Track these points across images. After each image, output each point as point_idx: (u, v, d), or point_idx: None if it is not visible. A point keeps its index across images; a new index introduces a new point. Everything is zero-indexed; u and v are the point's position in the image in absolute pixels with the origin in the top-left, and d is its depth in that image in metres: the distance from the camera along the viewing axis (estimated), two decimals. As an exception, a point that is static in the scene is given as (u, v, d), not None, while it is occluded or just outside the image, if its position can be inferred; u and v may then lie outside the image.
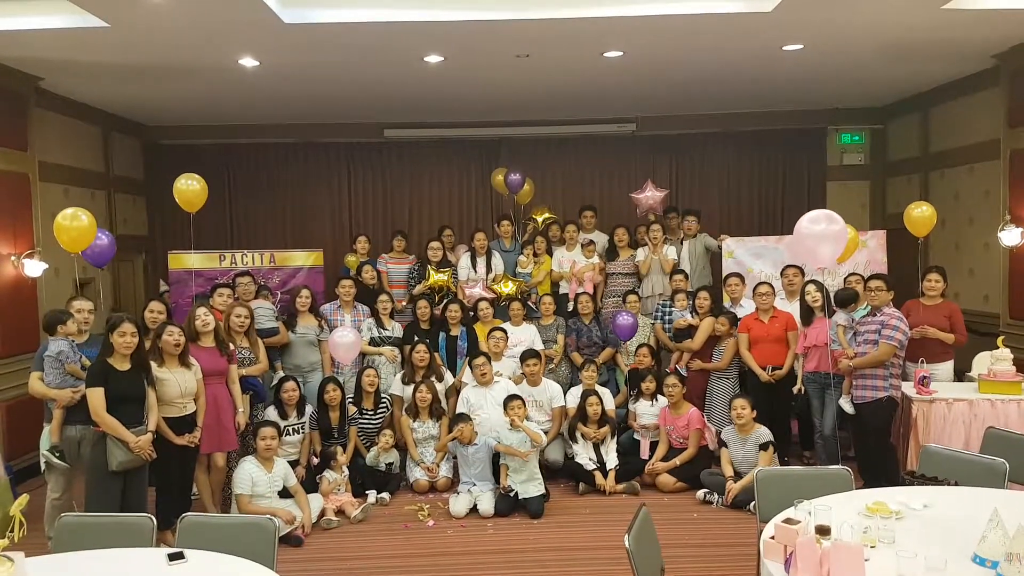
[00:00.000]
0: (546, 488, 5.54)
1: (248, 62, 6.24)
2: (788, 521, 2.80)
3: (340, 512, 5.33)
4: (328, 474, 5.53)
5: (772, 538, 2.81)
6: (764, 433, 5.38)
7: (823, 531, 2.83)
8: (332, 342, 6.01)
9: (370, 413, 6.03)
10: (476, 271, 7.10)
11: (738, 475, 5.38)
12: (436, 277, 6.91)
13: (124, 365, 4.29)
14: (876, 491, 3.51)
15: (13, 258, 6.22)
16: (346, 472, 5.60)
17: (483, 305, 6.64)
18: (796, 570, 2.60)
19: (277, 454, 5.22)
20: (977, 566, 2.66)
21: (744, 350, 6.03)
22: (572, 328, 6.68)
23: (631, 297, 6.67)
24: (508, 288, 6.84)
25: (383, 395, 6.14)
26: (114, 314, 4.96)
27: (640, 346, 6.38)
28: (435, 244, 7.18)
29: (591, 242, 7.20)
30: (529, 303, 6.87)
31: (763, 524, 3.31)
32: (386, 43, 5.84)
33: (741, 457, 5.42)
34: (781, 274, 6.39)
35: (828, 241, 4.83)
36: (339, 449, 5.64)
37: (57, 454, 4.57)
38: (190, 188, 6.16)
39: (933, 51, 6.48)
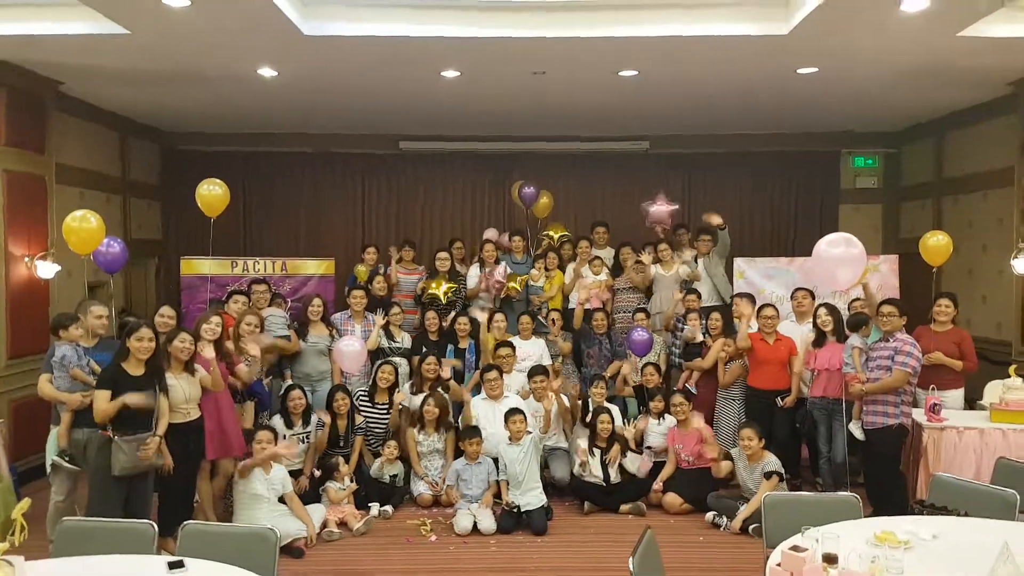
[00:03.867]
0: (549, 504, 5.51)
1: (267, 72, 6.30)
2: (795, 548, 2.78)
3: (342, 524, 5.31)
4: (332, 485, 5.51)
5: (778, 565, 2.78)
6: (771, 462, 5.33)
7: (830, 559, 2.80)
8: (338, 351, 6.01)
9: (382, 406, 6.01)
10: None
11: (743, 499, 5.35)
12: (433, 289, 6.92)
13: (138, 370, 4.32)
14: (885, 520, 3.47)
15: (27, 259, 6.27)
16: (350, 483, 5.59)
17: (499, 318, 6.64)
18: (802, 599, 2.57)
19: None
20: (986, 600, 2.62)
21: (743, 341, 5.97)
22: (582, 342, 6.66)
23: (639, 315, 6.64)
24: (514, 283, 6.94)
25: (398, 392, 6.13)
26: (131, 319, 4.99)
27: (646, 364, 6.35)
28: (443, 254, 7.20)
29: (597, 258, 7.19)
30: (539, 318, 6.86)
31: (770, 550, 3.28)
32: (404, 57, 5.88)
33: (752, 484, 5.38)
34: (791, 297, 6.36)
35: (847, 264, 4.81)
36: (341, 460, 5.63)
37: (67, 458, 4.61)
38: (212, 193, 6.24)
39: (949, 77, 6.47)
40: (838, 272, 4.84)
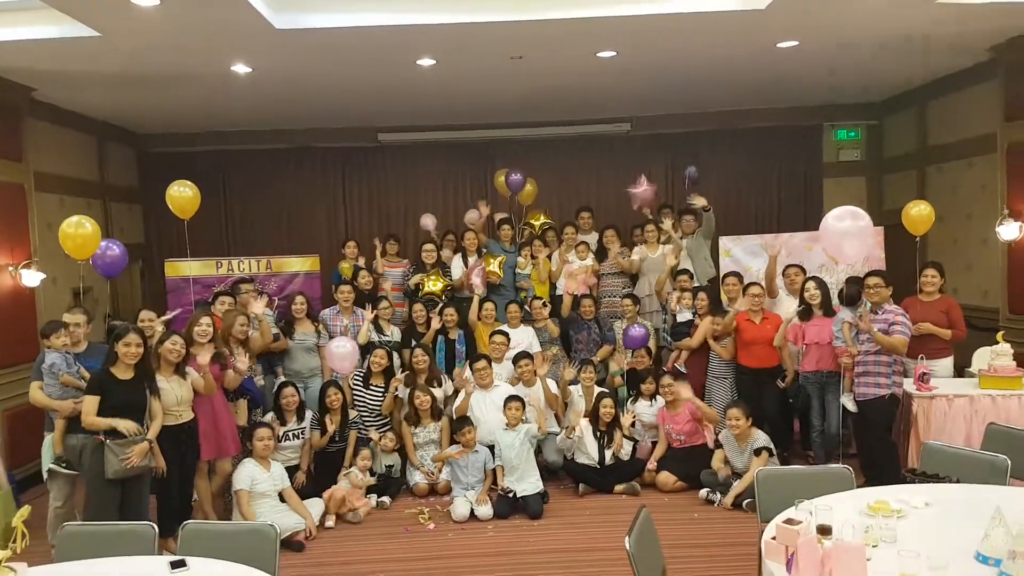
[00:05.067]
0: (544, 488, 5.55)
1: (241, 68, 6.23)
2: (789, 521, 2.78)
3: (339, 517, 5.33)
4: (355, 472, 5.55)
5: (773, 538, 2.80)
6: (760, 438, 5.38)
7: (824, 531, 2.82)
8: (329, 352, 5.96)
9: (377, 389, 6.04)
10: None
11: (736, 475, 5.39)
12: (430, 287, 6.90)
13: (127, 374, 4.30)
14: (877, 490, 3.49)
15: (11, 268, 6.21)
16: (369, 477, 5.65)
17: (488, 306, 6.64)
18: (798, 571, 2.58)
19: (274, 456, 5.26)
20: (980, 564, 2.64)
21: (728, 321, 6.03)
22: (571, 328, 6.67)
23: (626, 302, 6.61)
24: (492, 266, 6.93)
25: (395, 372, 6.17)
26: (118, 323, 4.96)
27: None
28: (428, 246, 7.18)
29: (583, 243, 7.19)
30: (526, 307, 6.86)
31: (764, 524, 3.30)
32: (378, 47, 5.83)
33: (741, 465, 5.42)
34: (782, 273, 6.37)
35: (853, 238, 4.81)
36: (378, 435, 5.79)
37: (63, 464, 4.65)
38: (182, 195, 6.11)
39: (928, 45, 6.46)
40: (845, 245, 4.83)
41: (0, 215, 6.17)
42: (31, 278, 6.26)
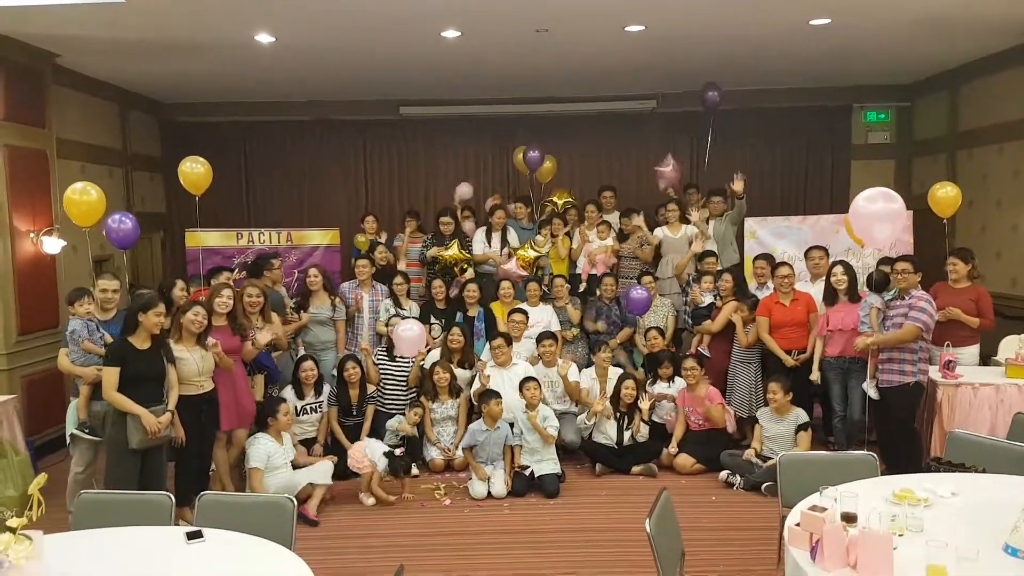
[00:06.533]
0: (561, 469, 5.53)
1: (264, 38, 6.17)
2: (814, 508, 2.74)
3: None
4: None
5: (797, 525, 2.75)
6: (802, 414, 5.35)
7: (849, 519, 2.77)
8: (397, 336, 5.87)
9: (403, 362, 6.01)
10: (491, 246, 7.08)
11: (767, 455, 5.34)
12: (448, 253, 6.84)
13: (145, 344, 4.30)
14: (902, 478, 3.43)
15: (32, 235, 6.23)
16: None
17: (505, 286, 6.60)
18: (823, 559, 2.54)
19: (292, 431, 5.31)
20: (1010, 557, 2.59)
21: (765, 335, 5.92)
22: (592, 307, 6.62)
23: (646, 278, 6.58)
24: (528, 253, 6.84)
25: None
26: (145, 292, 4.97)
27: (650, 329, 6.30)
28: (445, 218, 7.12)
29: (605, 222, 7.11)
30: (543, 285, 6.81)
31: (786, 509, 3.26)
32: (403, 18, 5.74)
33: (774, 434, 5.36)
34: (806, 256, 6.27)
35: (885, 221, 4.66)
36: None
37: (87, 430, 4.70)
38: (194, 171, 6.10)
39: (963, 26, 6.28)
40: (875, 229, 4.69)
41: (23, 181, 6.19)
42: (52, 245, 6.28)
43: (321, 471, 5.12)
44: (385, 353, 6.11)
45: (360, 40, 6.38)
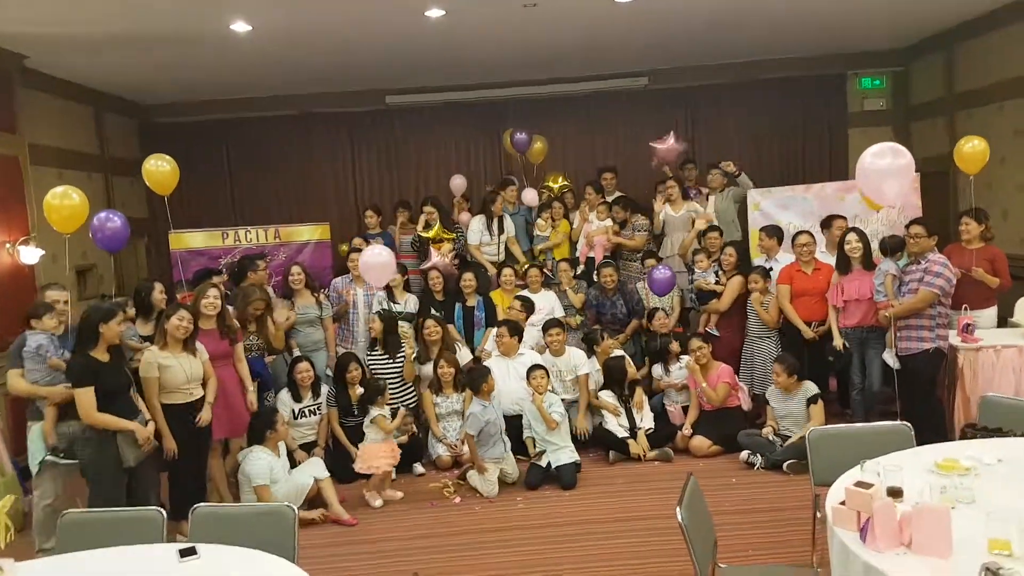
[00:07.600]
0: (579, 458, 5.33)
1: (240, 27, 5.91)
2: (859, 484, 2.54)
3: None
4: (377, 411, 5.14)
5: (841, 504, 2.55)
6: (811, 387, 5.20)
7: (895, 493, 2.58)
8: (363, 263, 5.60)
9: (387, 358, 5.77)
10: (491, 234, 6.90)
11: (784, 433, 5.19)
12: (429, 233, 6.67)
13: (105, 356, 4.07)
14: (941, 447, 3.25)
15: (8, 246, 5.97)
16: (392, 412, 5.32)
17: (507, 272, 6.41)
18: (874, 539, 2.34)
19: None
20: (1076, 525, 2.39)
21: (786, 303, 5.71)
22: (593, 303, 6.39)
23: (649, 261, 6.39)
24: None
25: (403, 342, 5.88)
26: (102, 302, 4.68)
27: (656, 310, 6.11)
28: (428, 208, 6.87)
29: (604, 203, 6.92)
30: (545, 271, 6.60)
31: (819, 488, 3.06)
32: (384, -4, 5.50)
33: (785, 411, 5.19)
34: (824, 225, 6.09)
35: (893, 176, 4.47)
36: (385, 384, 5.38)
37: (61, 454, 4.28)
38: (160, 169, 5.63)
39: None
40: (884, 185, 4.50)
41: (-4, 190, 5.93)
42: (30, 255, 6.02)
43: (316, 465, 4.90)
44: (381, 352, 5.85)
45: (340, 23, 6.11)
